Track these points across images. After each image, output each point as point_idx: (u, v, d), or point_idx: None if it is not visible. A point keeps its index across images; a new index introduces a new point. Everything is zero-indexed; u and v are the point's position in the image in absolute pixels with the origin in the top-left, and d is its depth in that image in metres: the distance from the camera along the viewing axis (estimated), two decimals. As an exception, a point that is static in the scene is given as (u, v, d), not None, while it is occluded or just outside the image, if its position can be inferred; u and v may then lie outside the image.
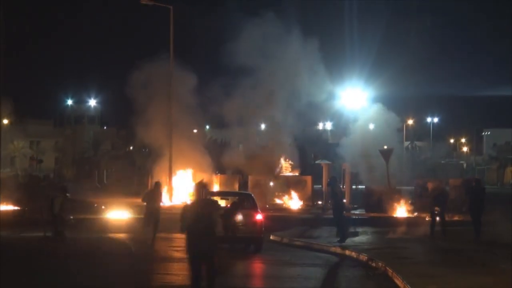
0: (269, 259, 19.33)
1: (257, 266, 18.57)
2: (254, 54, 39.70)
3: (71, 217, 23.63)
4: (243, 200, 21.43)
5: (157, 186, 23.43)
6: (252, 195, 22.64)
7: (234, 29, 40.27)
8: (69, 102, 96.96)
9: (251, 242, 20.66)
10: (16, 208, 30.99)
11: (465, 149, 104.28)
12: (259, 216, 20.41)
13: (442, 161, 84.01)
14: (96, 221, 28.49)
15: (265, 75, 40.32)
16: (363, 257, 18.66)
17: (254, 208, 20.84)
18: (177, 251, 19.82)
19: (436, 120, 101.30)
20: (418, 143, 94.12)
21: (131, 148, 69.39)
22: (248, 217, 20.20)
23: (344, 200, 19.75)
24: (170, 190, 42.19)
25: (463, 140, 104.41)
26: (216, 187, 40.12)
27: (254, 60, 39.83)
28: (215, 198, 16.42)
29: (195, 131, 49.17)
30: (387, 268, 16.10)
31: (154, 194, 23.11)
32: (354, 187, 41.07)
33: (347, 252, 20.03)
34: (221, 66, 43.13)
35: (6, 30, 45.98)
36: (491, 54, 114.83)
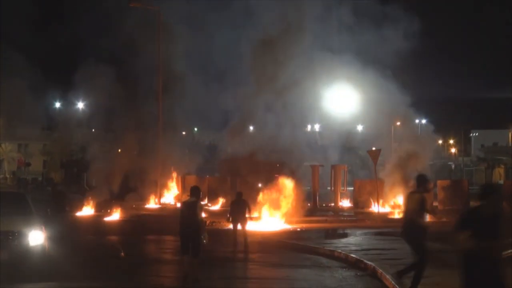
0: (258, 261, 19.30)
1: (245, 267, 18.52)
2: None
3: None
4: None
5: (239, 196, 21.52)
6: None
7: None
8: (57, 105, 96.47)
9: None
10: None
11: (453, 150, 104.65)
12: None
13: (430, 162, 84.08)
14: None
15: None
16: (352, 258, 18.66)
17: None
18: (166, 253, 19.76)
19: (424, 121, 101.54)
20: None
21: (119, 150, 69.00)
22: None
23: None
24: (160, 192, 42.18)
25: (451, 141, 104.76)
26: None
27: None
28: None
29: (183, 133, 49.11)
30: (376, 269, 16.10)
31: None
32: (342, 188, 41.26)
33: (336, 254, 20.01)
34: (211, 71, 43.19)
35: None
36: (480, 56, 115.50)
